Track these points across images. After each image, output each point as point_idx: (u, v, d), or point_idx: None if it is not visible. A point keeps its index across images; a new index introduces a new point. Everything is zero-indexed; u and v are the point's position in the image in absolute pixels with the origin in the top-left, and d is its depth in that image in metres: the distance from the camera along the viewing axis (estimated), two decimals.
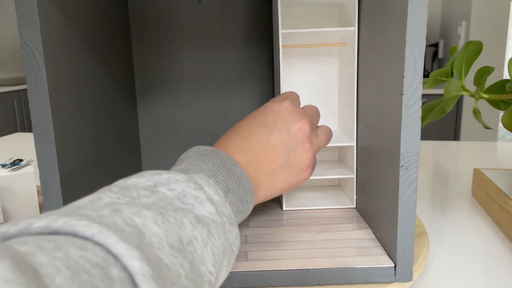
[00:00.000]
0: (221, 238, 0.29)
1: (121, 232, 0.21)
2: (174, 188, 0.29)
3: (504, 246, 0.49)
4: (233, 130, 0.41)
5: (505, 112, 0.50)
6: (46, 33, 0.35)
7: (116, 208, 0.24)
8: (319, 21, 0.55)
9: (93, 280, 0.18)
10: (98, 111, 0.46)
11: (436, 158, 0.88)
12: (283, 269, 0.38)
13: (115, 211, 0.23)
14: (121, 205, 0.25)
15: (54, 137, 0.36)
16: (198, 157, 0.36)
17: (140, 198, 0.27)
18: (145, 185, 0.29)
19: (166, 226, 0.25)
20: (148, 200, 0.27)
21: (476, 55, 0.54)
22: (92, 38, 0.45)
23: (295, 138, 0.41)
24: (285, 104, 0.42)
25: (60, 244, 0.19)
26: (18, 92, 3.03)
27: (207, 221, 0.28)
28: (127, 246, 0.20)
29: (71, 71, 0.39)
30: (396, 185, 0.37)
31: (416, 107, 0.35)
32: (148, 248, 0.22)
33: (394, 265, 0.38)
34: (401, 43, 0.35)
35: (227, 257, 0.30)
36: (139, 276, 0.20)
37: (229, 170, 0.36)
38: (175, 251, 0.24)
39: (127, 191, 0.27)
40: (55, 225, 0.20)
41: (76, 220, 0.21)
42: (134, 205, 0.25)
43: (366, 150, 0.47)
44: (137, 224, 0.23)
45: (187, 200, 0.29)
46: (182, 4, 0.59)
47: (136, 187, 0.28)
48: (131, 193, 0.27)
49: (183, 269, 0.24)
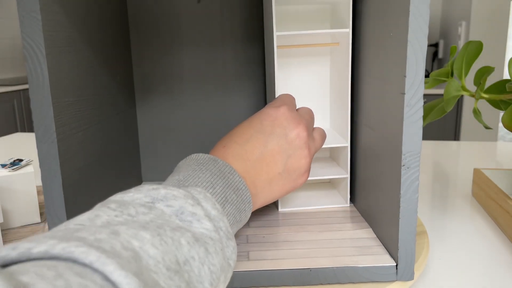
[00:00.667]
0: (218, 255, 0.29)
1: (119, 258, 0.21)
2: (171, 204, 0.29)
3: (504, 246, 0.49)
4: (230, 137, 0.41)
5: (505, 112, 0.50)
6: (48, 32, 0.35)
7: (115, 230, 0.24)
8: (311, 20, 0.55)
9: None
10: (99, 111, 0.46)
11: (436, 158, 0.88)
12: (284, 269, 0.38)
13: (113, 233, 0.24)
14: (119, 226, 0.25)
15: (56, 137, 0.36)
16: (196, 167, 0.36)
17: (138, 215, 0.27)
18: (143, 201, 0.29)
19: (164, 248, 0.25)
20: (146, 218, 0.27)
21: (476, 55, 0.54)
22: (93, 37, 0.45)
23: (293, 145, 0.41)
24: (281, 110, 0.42)
25: (60, 272, 0.19)
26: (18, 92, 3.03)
27: (204, 239, 0.29)
28: (125, 274, 0.20)
29: (72, 70, 0.40)
30: (398, 184, 0.37)
31: (418, 106, 0.35)
32: (145, 272, 0.22)
33: (395, 264, 0.38)
34: (402, 42, 0.35)
35: (224, 273, 0.30)
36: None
37: (227, 180, 0.36)
38: (171, 273, 0.24)
39: (125, 208, 0.27)
40: (54, 251, 0.21)
41: (75, 246, 0.21)
42: (132, 226, 0.25)
43: (366, 149, 0.47)
44: (135, 248, 0.23)
45: (184, 217, 0.29)
46: (182, 4, 0.59)
47: (134, 203, 0.28)
48: (129, 210, 0.27)
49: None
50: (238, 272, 0.38)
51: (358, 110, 0.50)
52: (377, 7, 0.41)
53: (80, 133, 0.41)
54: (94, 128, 0.45)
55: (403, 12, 0.34)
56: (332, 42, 0.54)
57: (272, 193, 0.41)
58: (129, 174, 0.57)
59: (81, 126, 0.41)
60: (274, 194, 0.41)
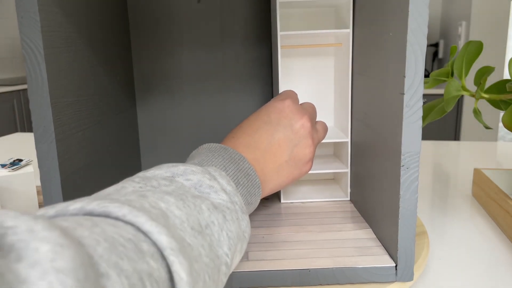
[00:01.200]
0: (234, 223, 0.31)
1: (149, 213, 0.23)
2: (190, 178, 0.32)
3: (504, 246, 0.49)
4: (239, 129, 0.44)
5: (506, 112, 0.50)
6: (46, 32, 0.35)
7: (142, 194, 0.26)
8: (316, 22, 0.57)
9: (128, 252, 0.20)
10: (99, 111, 0.46)
11: (436, 158, 0.88)
12: (284, 269, 0.38)
13: (141, 196, 0.26)
14: (145, 191, 0.27)
15: (55, 137, 0.36)
16: (209, 153, 0.39)
17: (160, 187, 0.29)
18: (163, 175, 0.31)
19: (187, 210, 0.27)
20: (168, 189, 0.29)
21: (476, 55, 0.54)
22: (92, 37, 0.45)
23: (298, 134, 0.43)
24: (286, 102, 0.44)
25: (96, 222, 0.21)
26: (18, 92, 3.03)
27: (222, 208, 0.31)
28: (156, 224, 0.23)
29: (71, 71, 0.39)
30: (397, 185, 0.37)
31: (417, 106, 0.35)
32: (172, 228, 0.24)
33: (395, 264, 0.38)
34: (402, 42, 0.35)
35: (240, 242, 0.32)
36: (168, 249, 0.22)
37: (238, 165, 0.38)
38: (195, 233, 0.26)
39: (148, 181, 0.30)
40: (89, 207, 0.23)
41: (109, 202, 0.23)
42: (157, 192, 0.28)
43: (366, 149, 0.47)
44: (162, 208, 0.26)
45: (203, 189, 0.32)
46: (182, 4, 0.59)
47: (156, 177, 0.31)
48: (152, 183, 0.30)
49: (203, 249, 0.26)
50: (237, 273, 0.38)
51: (359, 110, 0.50)
52: (377, 7, 0.41)
53: (79, 133, 0.41)
54: (94, 128, 0.45)
55: (403, 12, 0.34)
56: (335, 42, 0.56)
57: (280, 180, 0.43)
58: (129, 174, 0.57)
59: (80, 126, 0.41)
60: (282, 181, 0.43)
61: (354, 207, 0.52)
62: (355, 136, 0.51)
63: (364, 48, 0.46)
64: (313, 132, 0.45)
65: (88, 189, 0.43)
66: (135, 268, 0.20)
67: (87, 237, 0.19)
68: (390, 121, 0.39)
